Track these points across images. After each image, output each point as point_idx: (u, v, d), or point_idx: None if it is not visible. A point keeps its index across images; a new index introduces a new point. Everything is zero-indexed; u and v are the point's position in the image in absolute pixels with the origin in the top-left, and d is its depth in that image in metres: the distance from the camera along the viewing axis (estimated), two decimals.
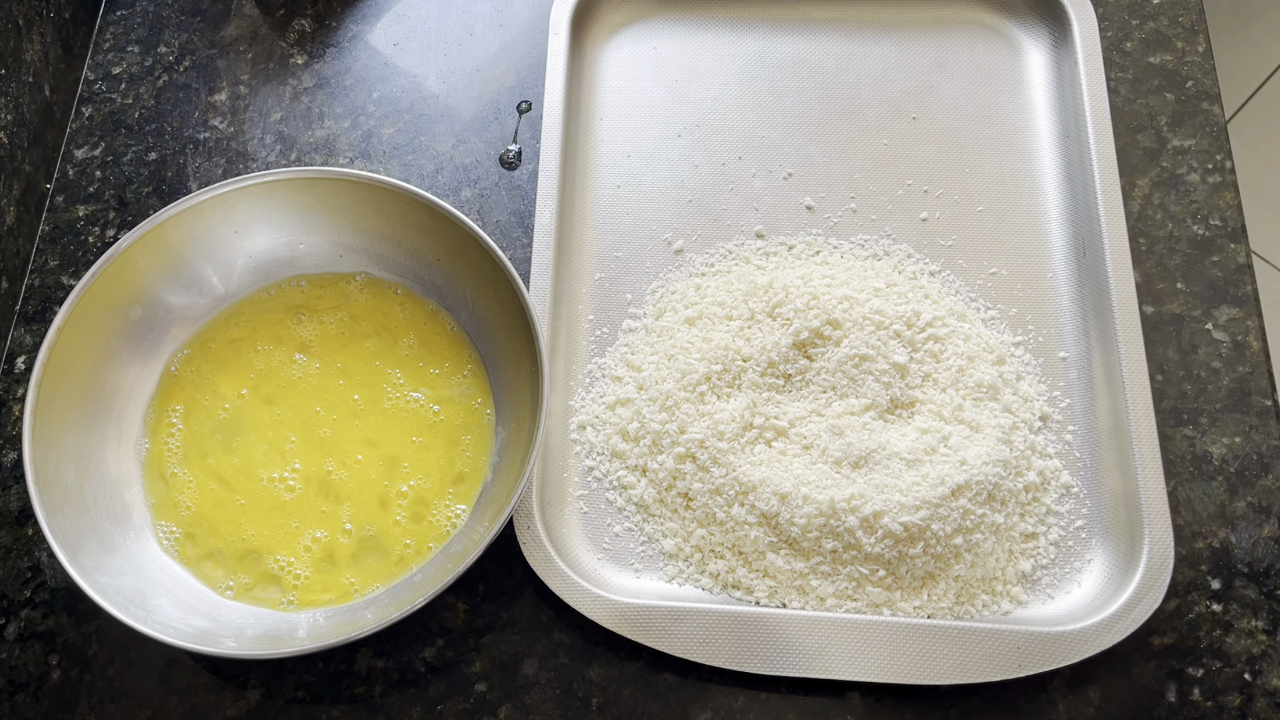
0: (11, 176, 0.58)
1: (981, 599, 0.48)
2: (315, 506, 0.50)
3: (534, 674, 0.49)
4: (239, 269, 0.55)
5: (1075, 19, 0.61)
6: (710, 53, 0.64)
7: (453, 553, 0.48)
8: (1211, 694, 0.47)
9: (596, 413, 0.54)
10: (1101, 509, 0.51)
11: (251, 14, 0.67)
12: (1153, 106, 0.61)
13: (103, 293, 0.49)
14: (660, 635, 0.47)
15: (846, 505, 0.47)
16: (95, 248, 0.60)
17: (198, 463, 0.51)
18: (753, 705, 0.48)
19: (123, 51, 0.66)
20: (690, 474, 0.50)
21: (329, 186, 0.52)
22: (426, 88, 0.64)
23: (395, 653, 0.49)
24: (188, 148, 0.63)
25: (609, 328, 0.56)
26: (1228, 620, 0.49)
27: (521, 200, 0.60)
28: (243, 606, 0.48)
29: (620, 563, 0.50)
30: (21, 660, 0.50)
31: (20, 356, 0.57)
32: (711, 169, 0.60)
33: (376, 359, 0.54)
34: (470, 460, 0.51)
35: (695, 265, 0.57)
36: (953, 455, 0.49)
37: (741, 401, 0.51)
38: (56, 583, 0.52)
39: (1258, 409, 0.53)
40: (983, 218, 0.58)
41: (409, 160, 0.62)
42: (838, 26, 0.64)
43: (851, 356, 0.51)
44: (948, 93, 0.62)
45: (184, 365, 0.53)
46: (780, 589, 0.49)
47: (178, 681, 0.49)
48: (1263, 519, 0.51)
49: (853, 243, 0.57)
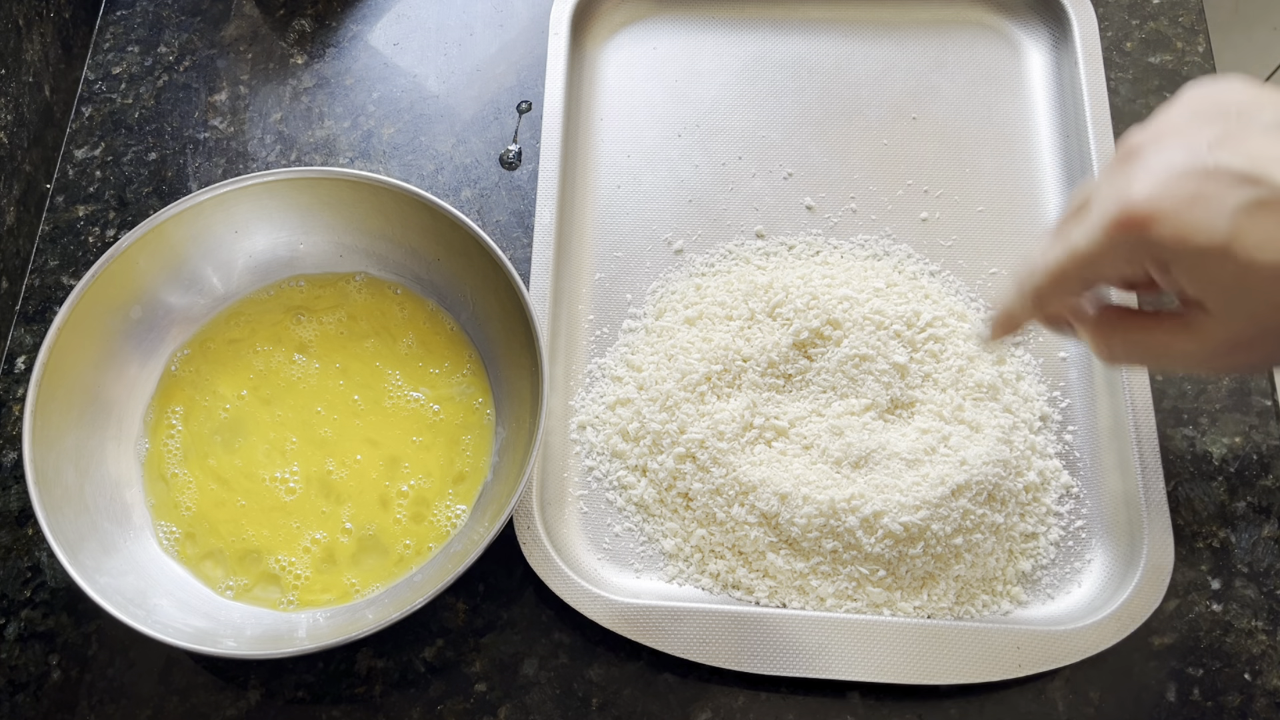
0: (11, 176, 0.58)
1: (981, 599, 0.48)
2: (316, 507, 0.50)
3: (534, 674, 0.49)
4: (239, 269, 0.55)
5: (1075, 19, 0.61)
6: (710, 53, 0.64)
7: (453, 553, 0.48)
8: (1211, 694, 0.47)
9: (596, 413, 0.54)
10: (1101, 509, 0.51)
11: (251, 14, 0.67)
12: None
13: (103, 293, 0.49)
14: (660, 635, 0.47)
15: (846, 505, 0.47)
16: (95, 248, 0.60)
17: (198, 463, 0.51)
18: (753, 705, 0.48)
19: (123, 51, 0.66)
20: (690, 474, 0.50)
21: (329, 186, 0.52)
22: (426, 88, 0.64)
23: (395, 653, 0.49)
24: (188, 148, 0.63)
25: (609, 328, 0.56)
26: (1228, 620, 0.49)
27: (521, 200, 0.60)
28: (243, 606, 0.48)
29: (620, 563, 0.50)
30: (21, 660, 0.50)
31: (20, 356, 0.57)
32: (711, 169, 0.60)
33: (376, 359, 0.54)
34: (470, 460, 0.51)
35: (695, 265, 0.57)
36: (953, 455, 0.49)
37: (741, 401, 0.51)
38: (56, 583, 0.52)
39: (1258, 409, 0.53)
40: (983, 218, 0.58)
41: (409, 160, 0.62)
42: (838, 26, 0.64)
43: (851, 356, 0.51)
44: (948, 93, 0.62)
45: (184, 365, 0.53)
46: (780, 589, 0.49)
47: (178, 681, 0.49)
48: (1263, 519, 0.51)
49: (853, 243, 0.57)
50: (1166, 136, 0.31)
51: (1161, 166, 0.30)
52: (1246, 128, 0.30)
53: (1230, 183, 0.29)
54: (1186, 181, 0.29)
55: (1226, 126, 0.30)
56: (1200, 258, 0.29)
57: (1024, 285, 0.36)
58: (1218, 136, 0.30)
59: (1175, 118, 0.32)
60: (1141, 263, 0.31)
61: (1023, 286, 0.36)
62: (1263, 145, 0.29)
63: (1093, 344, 0.35)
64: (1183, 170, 0.30)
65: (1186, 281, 0.30)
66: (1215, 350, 0.31)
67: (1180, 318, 0.32)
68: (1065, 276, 0.33)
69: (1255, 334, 0.30)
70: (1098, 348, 0.35)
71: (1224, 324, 0.30)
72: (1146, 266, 0.31)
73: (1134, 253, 0.31)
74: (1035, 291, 0.35)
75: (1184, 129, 0.31)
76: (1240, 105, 0.31)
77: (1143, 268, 0.31)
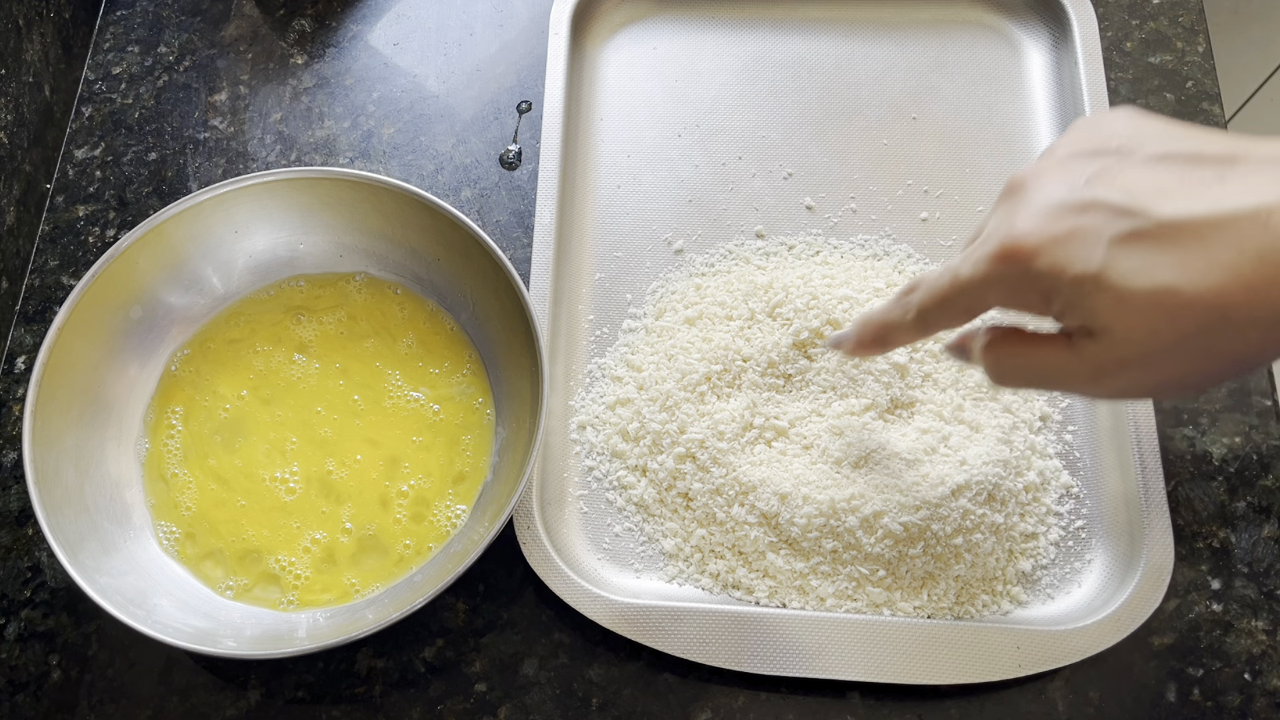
0: (11, 176, 0.58)
1: (981, 599, 0.48)
2: (316, 507, 0.50)
3: (534, 674, 0.49)
4: (239, 269, 0.55)
5: (1075, 19, 0.61)
6: (710, 53, 0.64)
7: (453, 553, 0.48)
8: (1211, 694, 0.47)
9: (596, 413, 0.54)
10: (1101, 509, 0.51)
11: (251, 14, 0.67)
12: (1153, 106, 0.61)
13: (103, 293, 0.49)
14: (660, 635, 0.47)
15: (846, 505, 0.47)
16: (95, 248, 0.60)
17: (198, 463, 0.51)
18: (753, 705, 0.48)
19: (123, 51, 0.66)
20: (690, 474, 0.50)
21: (329, 186, 0.52)
22: (426, 88, 0.64)
23: (395, 653, 0.49)
24: (188, 148, 0.63)
25: (609, 328, 0.56)
26: (1228, 620, 0.49)
27: (521, 200, 0.60)
28: (243, 606, 0.48)
29: (620, 563, 0.50)
30: (21, 660, 0.50)
31: (20, 356, 0.57)
32: (711, 169, 0.60)
33: (376, 359, 0.54)
34: (470, 460, 0.51)
35: (695, 265, 0.57)
36: (953, 455, 0.49)
37: (741, 401, 0.51)
38: (56, 583, 0.52)
39: (1258, 409, 0.53)
40: (982, 218, 0.58)
41: (409, 160, 0.62)
42: (838, 26, 0.64)
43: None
44: (948, 93, 0.62)
45: (184, 365, 0.53)
46: (780, 589, 0.49)
47: (178, 681, 0.49)
48: (1263, 519, 0.51)
49: (853, 243, 0.57)
50: (1048, 173, 0.33)
51: (1041, 202, 0.32)
52: (1124, 161, 0.32)
53: (1105, 215, 0.30)
54: (1064, 216, 0.31)
55: (1105, 162, 0.32)
56: (1077, 287, 0.31)
57: (906, 303, 0.37)
58: (1096, 172, 0.32)
59: (1059, 154, 0.34)
60: (1025, 293, 0.32)
61: (905, 305, 0.38)
62: (1139, 178, 0.31)
63: (983, 361, 0.36)
64: (1060, 205, 0.31)
65: (1068, 309, 0.31)
66: (1100, 368, 0.32)
67: (1066, 338, 0.33)
68: (948, 301, 0.35)
69: (1136, 355, 0.31)
70: (988, 367, 0.36)
71: (1105, 346, 0.31)
72: (1030, 298, 0.32)
73: (1017, 283, 0.32)
74: (919, 309, 0.37)
75: (1065, 165, 0.33)
76: (1122, 139, 0.32)
77: (1027, 297, 0.32)
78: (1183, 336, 0.30)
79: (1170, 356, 0.30)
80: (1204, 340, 0.30)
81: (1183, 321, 0.29)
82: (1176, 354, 0.30)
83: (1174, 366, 0.31)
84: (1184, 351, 0.30)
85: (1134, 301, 0.30)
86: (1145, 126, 0.33)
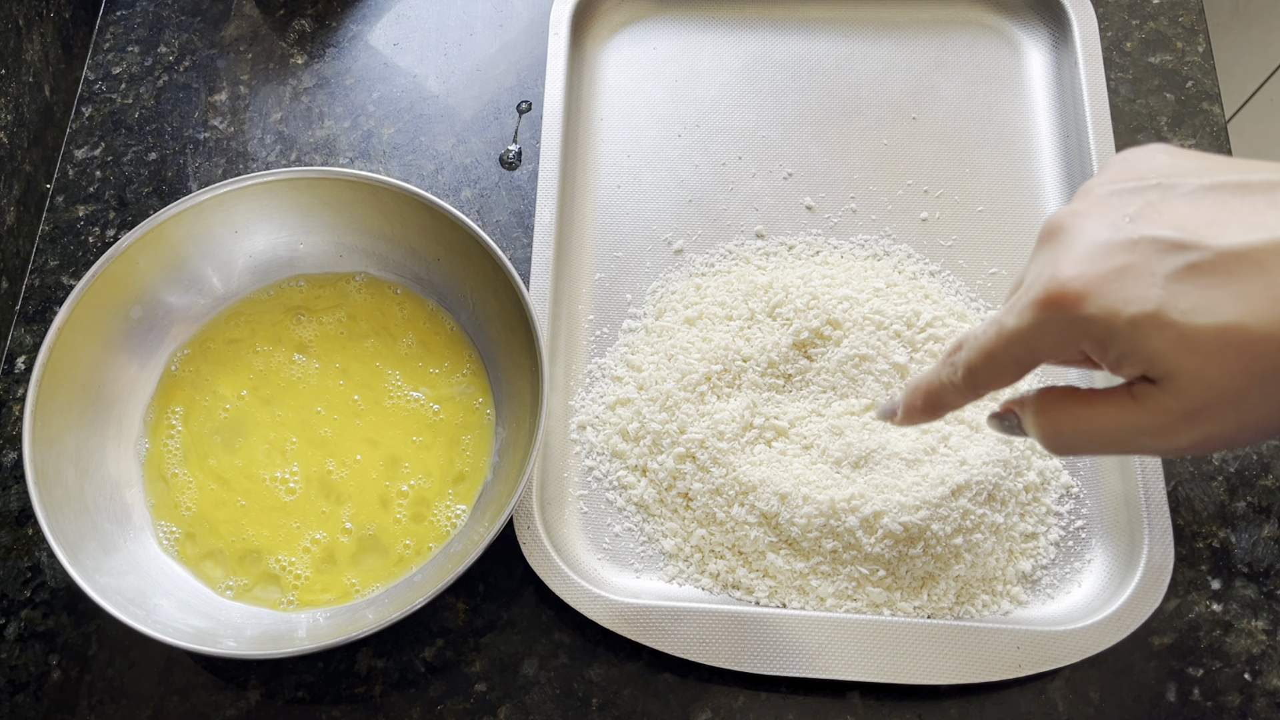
0: (11, 176, 0.58)
1: (981, 599, 0.48)
2: (316, 507, 0.50)
3: (534, 674, 0.49)
4: (239, 269, 0.55)
5: (1075, 19, 0.61)
6: (710, 53, 0.64)
7: (453, 553, 0.48)
8: (1211, 694, 0.47)
9: (596, 413, 0.54)
10: (1101, 509, 0.51)
11: (251, 14, 0.67)
12: (1153, 106, 0.61)
13: (103, 293, 0.49)
14: (660, 635, 0.47)
15: (846, 505, 0.47)
16: (95, 248, 0.60)
17: (198, 463, 0.51)
18: (753, 705, 0.48)
19: (123, 51, 0.66)
20: (690, 474, 0.50)
21: (329, 186, 0.52)
22: (426, 88, 0.64)
23: (395, 653, 0.49)
24: (188, 148, 0.63)
25: (609, 328, 0.56)
26: (1228, 620, 0.49)
27: (521, 200, 0.60)
28: (243, 606, 0.48)
29: (620, 563, 0.50)
30: (21, 660, 0.50)
31: (20, 356, 0.57)
32: (711, 169, 0.60)
33: (376, 359, 0.54)
34: (470, 460, 0.51)
35: (695, 265, 0.57)
36: (953, 455, 0.49)
37: (741, 401, 0.51)
38: (56, 583, 0.52)
39: None
40: (983, 218, 0.58)
41: (409, 160, 0.62)
42: (838, 26, 0.64)
43: (851, 356, 0.51)
44: (948, 93, 0.62)
45: (184, 365, 0.53)
46: (780, 589, 0.49)
47: (178, 681, 0.49)
48: (1263, 519, 0.51)
49: (853, 243, 0.57)
50: (1088, 212, 0.31)
51: (1085, 242, 0.30)
52: (1168, 195, 0.30)
53: (1157, 251, 0.28)
54: (1113, 254, 0.29)
55: (1149, 197, 0.30)
56: (1134, 330, 0.28)
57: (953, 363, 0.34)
58: (1140, 208, 0.30)
59: (1097, 192, 0.31)
60: (1077, 342, 0.30)
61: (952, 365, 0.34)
62: (1188, 211, 0.29)
63: (1037, 430, 0.33)
64: (1107, 244, 0.29)
65: (1125, 357, 0.29)
66: (1169, 422, 0.29)
67: (1127, 390, 0.30)
68: (996, 356, 0.32)
69: (1208, 402, 0.28)
70: (1043, 433, 0.33)
71: (1172, 394, 0.29)
72: (1083, 346, 0.30)
73: (1066, 332, 0.30)
74: (967, 368, 0.33)
75: (1106, 203, 0.31)
76: (1161, 174, 0.30)
77: (1079, 347, 0.30)
78: (1256, 376, 0.27)
79: (1245, 399, 0.28)
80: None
81: (1256, 360, 0.27)
82: (1251, 396, 0.28)
83: (1251, 411, 0.28)
84: (1260, 392, 0.27)
85: (1199, 341, 0.27)
86: (1183, 160, 0.31)
